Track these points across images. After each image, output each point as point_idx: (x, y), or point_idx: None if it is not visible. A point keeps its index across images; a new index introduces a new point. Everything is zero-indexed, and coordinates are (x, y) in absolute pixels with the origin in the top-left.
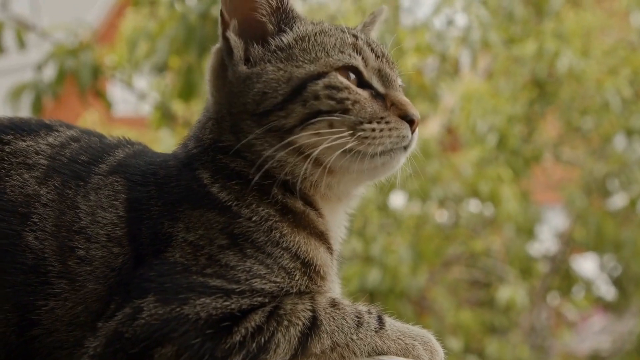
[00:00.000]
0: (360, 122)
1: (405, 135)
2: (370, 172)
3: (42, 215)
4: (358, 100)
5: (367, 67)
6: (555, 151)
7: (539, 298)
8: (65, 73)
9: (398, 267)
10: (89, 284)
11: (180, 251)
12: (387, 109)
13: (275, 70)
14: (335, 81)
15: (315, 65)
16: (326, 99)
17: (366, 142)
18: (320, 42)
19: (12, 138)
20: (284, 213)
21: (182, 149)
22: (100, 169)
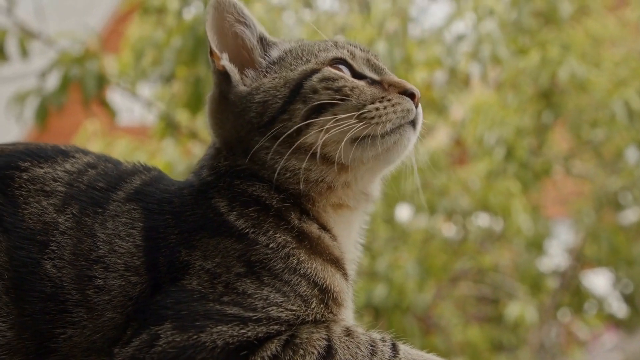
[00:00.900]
0: (363, 104)
1: (409, 108)
2: (384, 155)
3: (60, 243)
4: (356, 86)
5: (355, 59)
6: (566, 164)
7: (549, 315)
8: (70, 81)
9: (404, 282)
10: (107, 312)
11: (198, 279)
12: (387, 89)
13: (271, 80)
14: (329, 73)
15: (307, 64)
16: (324, 90)
17: (373, 122)
18: (307, 49)
19: (30, 165)
20: (300, 240)
21: (195, 177)
22: (117, 196)
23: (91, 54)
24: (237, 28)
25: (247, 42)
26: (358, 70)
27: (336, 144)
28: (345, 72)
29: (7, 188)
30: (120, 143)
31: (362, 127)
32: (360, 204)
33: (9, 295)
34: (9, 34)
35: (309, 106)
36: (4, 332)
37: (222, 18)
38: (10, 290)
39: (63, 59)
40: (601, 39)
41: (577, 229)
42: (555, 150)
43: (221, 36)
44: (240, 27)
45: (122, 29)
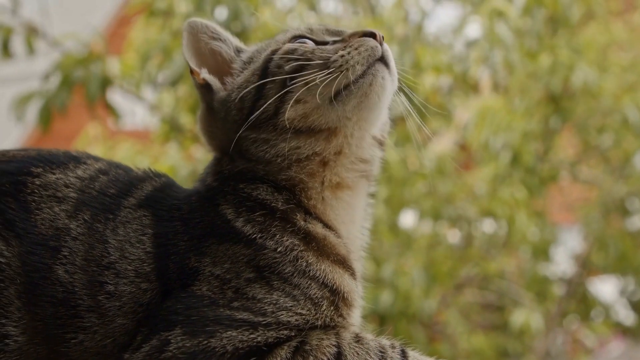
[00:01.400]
0: (327, 58)
1: (373, 46)
2: (364, 100)
3: (72, 249)
4: (316, 48)
5: (313, 32)
6: (573, 170)
7: (555, 322)
8: (73, 83)
9: (410, 289)
10: (118, 318)
11: (207, 285)
12: (348, 39)
13: (243, 75)
14: (288, 46)
15: (268, 49)
16: (287, 62)
17: (343, 68)
18: (269, 40)
19: (42, 171)
20: (307, 241)
21: (201, 184)
22: (128, 203)
23: (95, 55)
24: (213, 44)
25: (225, 55)
26: (319, 40)
27: (316, 109)
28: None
29: (20, 194)
30: (123, 147)
31: (333, 79)
32: (360, 180)
33: (21, 300)
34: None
35: (278, 80)
36: (15, 337)
37: (197, 39)
38: (23, 295)
39: (66, 61)
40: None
41: (583, 235)
42: (561, 156)
43: (198, 55)
44: (215, 43)
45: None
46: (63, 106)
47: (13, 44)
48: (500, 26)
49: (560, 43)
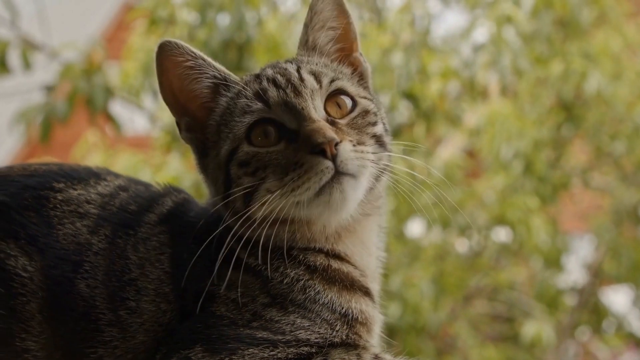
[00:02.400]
0: (280, 179)
1: (322, 169)
2: (328, 211)
3: (93, 264)
4: (269, 163)
5: (271, 108)
6: (584, 177)
7: (566, 334)
8: (77, 95)
9: (419, 302)
10: (139, 335)
11: (225, 307)
12: (299, 150)
13: (213, 158)
14: (242, 155)
15: (227, 142)
16: (244, 176)
17: (296, 192)
18: (232, 111)
19: (64, 186)
20: (312, 271)
21: (210, 207)
22: (149, 218)
23: (96, 66)
24: (191, 87)
25: (203, 104)
26: (279, 120)
27: (282, 209)
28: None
29: (42, 208)
30: (124, 156)
31: (289, 199)
32: (366, 219)
33: (42, 314)
34: (11, 45)
35: (240, 191)
36: (35, 352)
37: (176, 76)
38: (44, 309)
39: (68, 72)
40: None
41: (595, 244)
42: (573, 162)
43: (179, 97)
44: (193, 87)
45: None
46: (65, 118)
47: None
48: (508, 31)
49: (571, 49)
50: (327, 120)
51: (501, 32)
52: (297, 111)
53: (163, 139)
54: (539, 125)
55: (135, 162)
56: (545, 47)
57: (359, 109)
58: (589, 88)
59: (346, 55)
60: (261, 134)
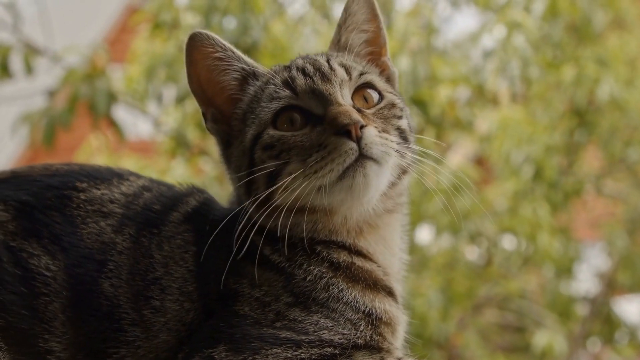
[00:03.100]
0: (304, 160)
1: (345, 150)
2: (350, 195)
3: (117, 263)
4: (293, 146)
5: (298, 95)
6: (597, 184)
7: (578, 344)
8: (78, 100)
9: (427, 311)
10: (162, 334)
11: (249, 306)
12: (324, 132)
13: (237, 146)
14: (267, 138)
15: (253, 127)
16: (268, 159)
17: (318, 175)
18: (260, 98)
19: (87, 186)
20: (335, 269)
21: (235, 204)
22: (173, 217)
23: (99, 70)
24: (220, 79)
25: (231, 95)
26: (305, 107)
27: (305, 196)
28: (295, 119)
29: (66, 208)
30: (128, 161)
31: (312, 182)
32: (388, 215)
33: (66, 314)
34: (13, 50)
35: (264, 174)
36: (58, 353)
37: (205, 67)
38: (67, 309)
39: (71, 77)
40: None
41: (608, 252)
42: (585, 169)
43: (205, 89)
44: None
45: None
46: (68, 123)
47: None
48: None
49: (584, 53)
50: (355, 108)
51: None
52: (324, 97)
53: (168, 144)
54: (550, 131)
55: (140, 167)
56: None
57: (386, 101)
58: (602, 94)
59: (375, 58)
60: (287, 121)
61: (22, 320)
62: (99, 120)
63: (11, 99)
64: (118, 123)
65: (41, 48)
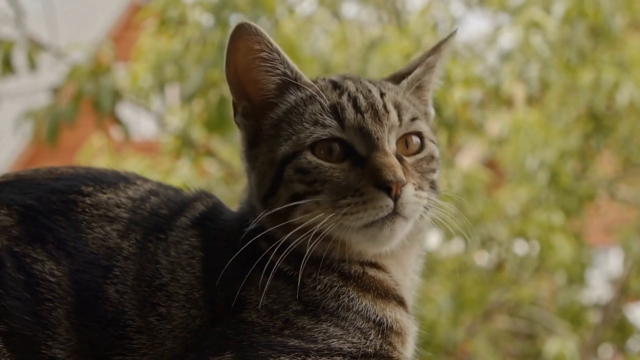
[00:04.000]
0: (335, 199)
1: (381, 206)
2: (369, 242)
3: (123, 269)
4: (329, 179)
5: (345, 129)
6: (610, 188)
7: (590, 352)
8: (83, 97)
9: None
10: (168, 342)
11: (257, 313)
12: (364, 177)
13: (265, 152)
14: (304, 163)
15: (289, 143)
16: (298, 182)
17: (347, 217)
18: (301, 113)
19: (93, 190)
20: (346, 278)
21: (241, 211)
22: (181, 222)
23: (104, 67)
24: (261, 76)
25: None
26: (348, 142)
27: (325, 224)
28: (333, 149)
29: (71, 212)
30: (131, 161)
31: (338, 220)
32: (397, 251)
33: (70, 321)
34: (16, 45)
35: (290, 193)
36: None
37: (247, 61)
38: (71, 315)
39: (75, 73)
40: None
41: (621, 258)
42: (599, 174)
43: (242, 81)
44: (264, 77)
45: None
46: (72, 121)
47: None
48: (536, 38)
49: (603, 57)
50: (396, 156)
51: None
52: (371, 139)
53: (173, 144)
54: (565, 135)
55: (144, 167)
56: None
57: (426, 152)
58: (621, 98)
59: (422, 95)
60: (325, 149)
61: (26, 327)
62: (104, 118)
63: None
64: (123, 121)
65: (45, 44)
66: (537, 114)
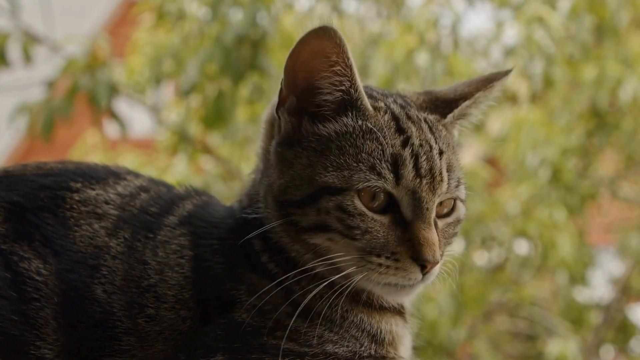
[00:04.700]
0: (369, 251)
1: (411, 278)
2: (385, 292)
3: (111, 268)
4: (369, 231)
5: (398, 186)
6: (612, 187)
7: (591, 352)
8: (78, 91)
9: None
10: (157, 344)
11: (247, 313)
12: (403, 243)
13: (303, 163)
14: (349, 205)
15: (338, 176)
16: (336, 220)
17: (373, 273)
18: (358, 145)
19: (81, 186)
20: (340, 293)
21: (238, 205)
22: (169, 221)
23: (100, 61)
24: (322, 82)
25: (322, 95)
26: (395, 198)
27: (343, 256)
28: (377, 198)
29: (58, 209)
30: (127, 158)
31: (360, 270)
32: None
33: (57, 321)
34: (11, 38)
35: (320, 221)
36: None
37: (318, 60)
38: (59, 316)
39: (70, 67)
40: None
41: (623, 257)
42: (601, 172)
43: (299, 75)
44: (326, 82)
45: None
46: (67, 115)
47: (10, 50)
48: (540, 34)
49: (607, 53)
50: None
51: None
52: (420, 207)
53: (169, 140)
54: (567, 133)
55: (139, 163)
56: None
57: (454, 216)
58: (624, 95)
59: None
60: (370, 195)
61: (12, 326)
62: (100, 113)
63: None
64: (120, 117)
65: (40, 37)
66: (539, 111)
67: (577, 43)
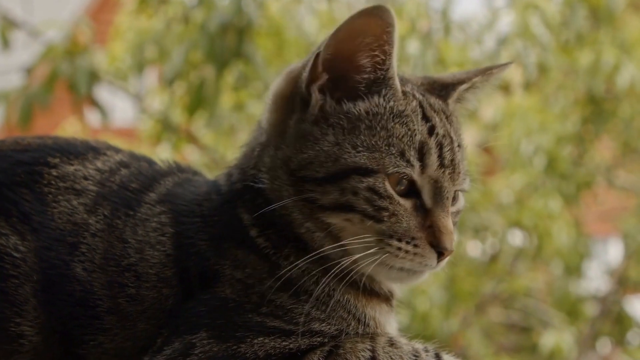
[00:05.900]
0: (390, 235)
1: (427, 264)
2: (396, 278)
3: (90, 246)
4: (396, 214)
5: (423, 174)
6: (608, 175)
7: (587, 345)
8: (58, 78)
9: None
10: (139, 323)
11: (231, 287)
12: (424, 229)
13: (330, 144)
14: (380, 188)
15: (369, 157)
16: (364, 201)
17: (389, 257)
18: (388, 128)
19: (59, 161)
20: (328, 270)
21: (226, 179)
22: (149, 198)
23: (81, 47)
24: (364, 62)
25: (358, 75)
26: (418, 187)
27: (353, 245)
28: (402, 184)
29: (36, 185)
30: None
31: (376, 251)
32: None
33: (37, 298)
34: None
35: (343, 201)
36: (30, 337)
37: (363, 39)
38: (39, 293)
39: (50, 53)
40: None
41: (620, 247)
42: (597, 160)
43: (337, 53)
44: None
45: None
46: (46, 103)
47: None
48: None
49: (603, 38)
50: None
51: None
52: (441, 196)
53: (153, 129)
54: (562, 120)
55: None
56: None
57: (457, 207)
58: (621, 81)
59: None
60: (397, 180)
61: None
62: (80, 101)
63: None
64: (101, 104)
65: (19, 21)
66: (533, 98)
67: (572, 29)
